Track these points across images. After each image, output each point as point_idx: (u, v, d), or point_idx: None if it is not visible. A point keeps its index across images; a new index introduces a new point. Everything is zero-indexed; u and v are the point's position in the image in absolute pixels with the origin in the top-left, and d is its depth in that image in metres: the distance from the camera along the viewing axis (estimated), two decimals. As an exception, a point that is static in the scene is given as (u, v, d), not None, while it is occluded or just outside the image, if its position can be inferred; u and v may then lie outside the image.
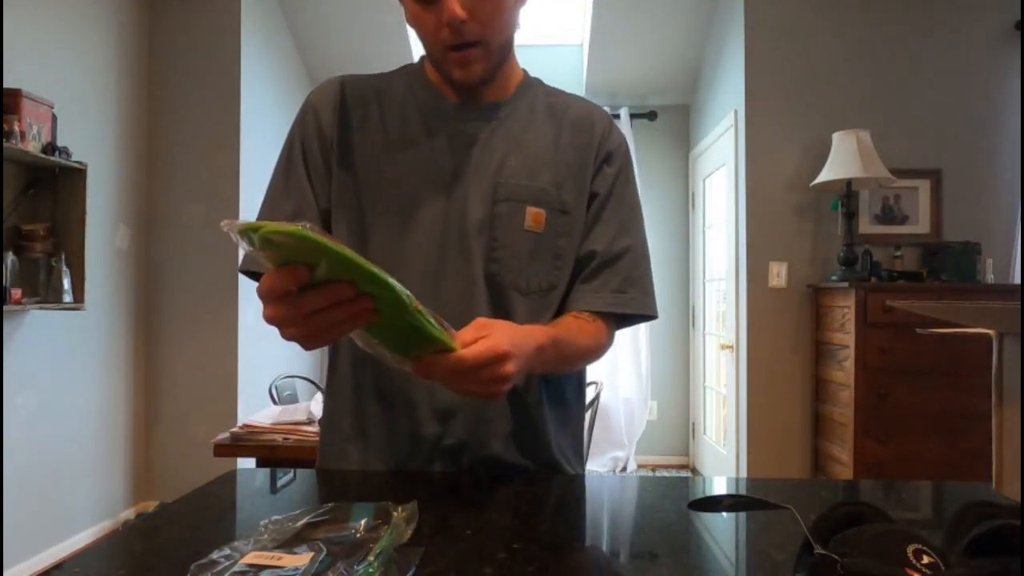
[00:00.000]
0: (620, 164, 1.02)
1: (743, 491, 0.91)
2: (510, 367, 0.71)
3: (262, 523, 0.60)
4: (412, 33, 1.06)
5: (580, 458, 1.05)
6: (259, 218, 0.95)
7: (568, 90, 1.07)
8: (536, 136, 0.99)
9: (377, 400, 0.94)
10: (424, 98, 0.99)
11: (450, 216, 0.94)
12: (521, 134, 0.98)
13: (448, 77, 0.93)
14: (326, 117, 0.97)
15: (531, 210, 0.94)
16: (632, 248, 1.00)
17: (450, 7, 0.85)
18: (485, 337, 0.71)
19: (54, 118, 2.91)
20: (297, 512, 0.62)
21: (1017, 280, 3.35)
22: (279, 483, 0.89)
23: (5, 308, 2.66)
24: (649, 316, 0.99)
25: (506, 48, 0.95)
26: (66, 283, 2.90)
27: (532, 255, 0.94)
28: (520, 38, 1.01)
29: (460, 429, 0.91)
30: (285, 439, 2.14)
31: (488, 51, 0.90)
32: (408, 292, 0.62)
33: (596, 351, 0.97)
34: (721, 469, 4.12)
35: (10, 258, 2.74)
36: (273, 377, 3.38)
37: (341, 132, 0.97)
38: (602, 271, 0.97)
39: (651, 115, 4.84)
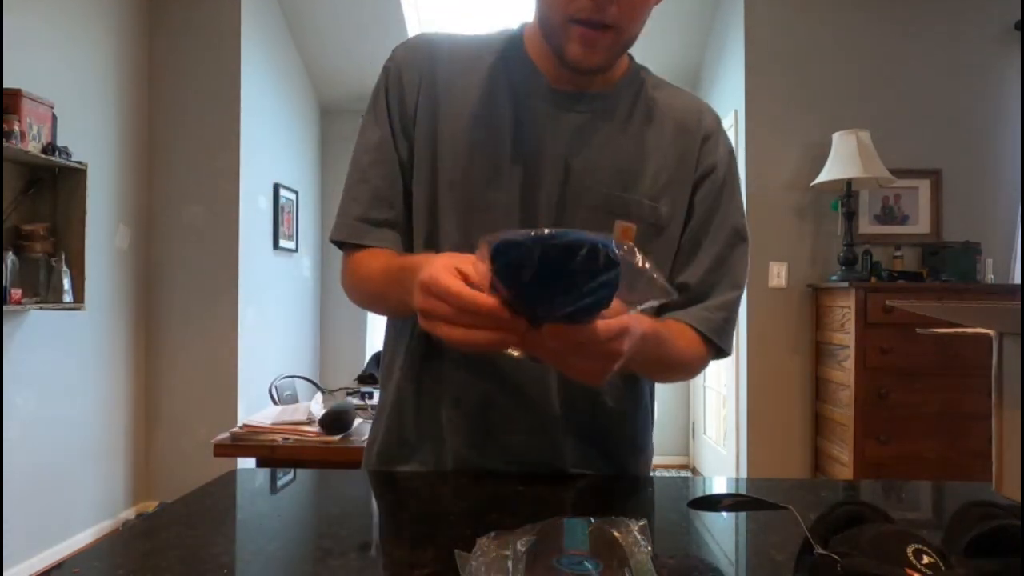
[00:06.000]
0: (724, 177, 0.92)
1: (743, 491, 0.91)
2: (625, 344, 0.63)
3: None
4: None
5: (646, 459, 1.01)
6: (350, 190, 0.90)
7: None
8: (634, 138, 0.89)
9: (434, 410, 0.90)
10: (517, 74, 0.89)
11: (528, 213, 0.86)
12: (618, 134, 0.89)
13: (560, 51, 0.82)
14: (409, 81, 0.90)
15: (620, 224, 0.85)
16: (728, 282, 0.90)
17: None
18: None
19: (54, 118, 2.91)
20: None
21: (1017, 280, 3.35)
22: (279, 483, 0.89)
23: (5, 308, 2.66)
24: (724, 351, 0.91)
25: (635, 38, 0.85)
26: (66, 283, 2.90)
27: None
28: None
29: (527, 446, 0.88)
30: (285, 439, 2.14)
31: (618, 40, 0.81)
32: None
33: (690, 366, 0.89)
34: (721, 469, 4.12)
35: (10, 258, 2.74)
36: (273, 377, 3.38)
37: (425, 100, 0.89)
38: (691, 306, 0.89)
39: (651, 115, 4.84)
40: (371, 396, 2.56)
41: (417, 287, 0.61)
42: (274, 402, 3.05)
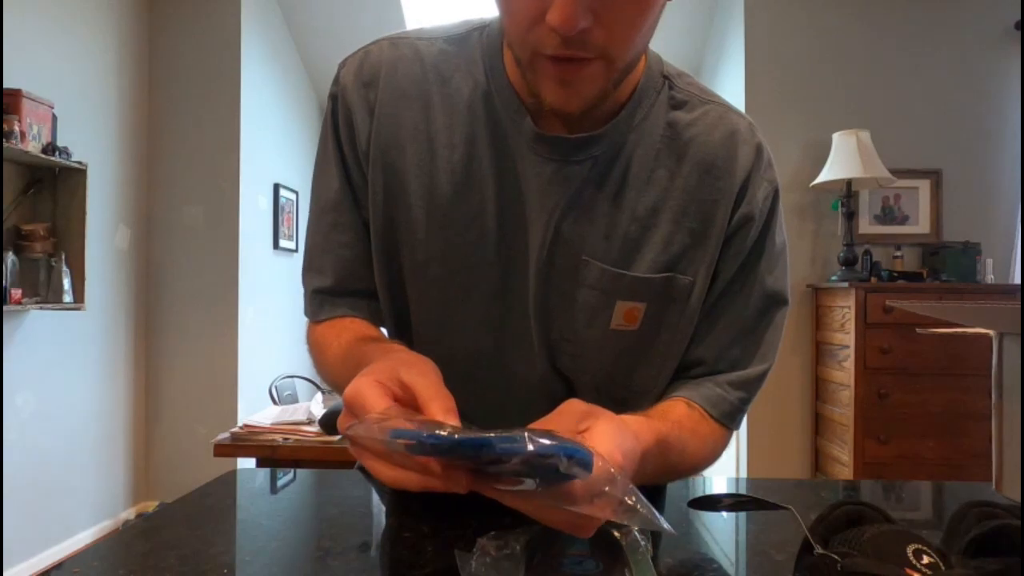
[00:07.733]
0: (760, 230, 0.73)
1: (743, 491, 0.91)
2: (617, 494, 0.51)
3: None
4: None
5: None
6: (310, 253, 0.79)
7: None
8: (644, 188, 0.70)
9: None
10: (500, 110, 0.70)
11: (511, 297, 0.72)
12: (622, 187, 0.69)
13: (535, 94, 0.63)
14: (361, 119, 0.72)
15: (623, 305, 0.70)
16: (755, 354, 0.75)
17: (563, 7, 0.53)
18: (587, 436, 0.50)
19: (54, 118, 2.91)
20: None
21: (1017, 280, 3.35)
22: (279, 483, 0.89)
23: (5, 308, 2.66)
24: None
25: (633, 64, 0.64)
26: (66, 283, 2.90)
27: (620, 356, 0.73)
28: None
29: None
30: (285, 439, 2.14)
31: (609, 69, 0.60)
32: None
33: (706, 464, 0.73)
34: (721, 469, 4.12)
35: (10, 258, 2.74)
36: (273, 377, 3.38)
37: (381, 142, 0.72)
38: (707, 380, 0.75)
39: (651, 115, 4.84)
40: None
41: (344, 402, 0.51)
42: (274, 402, 3.05)
